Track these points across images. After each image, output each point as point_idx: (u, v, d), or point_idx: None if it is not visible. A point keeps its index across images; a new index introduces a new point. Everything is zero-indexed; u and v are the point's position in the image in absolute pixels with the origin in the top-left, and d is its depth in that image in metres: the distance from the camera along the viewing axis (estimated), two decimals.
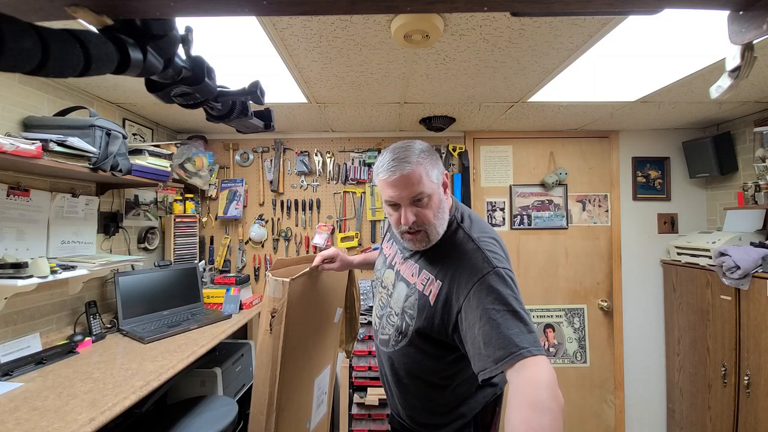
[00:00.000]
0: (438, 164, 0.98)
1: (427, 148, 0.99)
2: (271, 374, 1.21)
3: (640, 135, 2.67)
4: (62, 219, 1.71)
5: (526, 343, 0.77)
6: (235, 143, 2.68)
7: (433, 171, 0.95)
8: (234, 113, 0.82)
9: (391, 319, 1.07)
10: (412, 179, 0.92)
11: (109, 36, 0.50)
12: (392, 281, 1.11)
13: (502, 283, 0.85)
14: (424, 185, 0.93)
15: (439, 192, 0.97)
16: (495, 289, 0.84)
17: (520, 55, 1.46)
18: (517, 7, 0.53)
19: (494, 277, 0.86)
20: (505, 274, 0.87)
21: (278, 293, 1.22)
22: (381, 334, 1.12)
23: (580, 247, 2.68)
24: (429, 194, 0.94)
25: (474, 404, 1.08)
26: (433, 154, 0.99)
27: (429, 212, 0.95)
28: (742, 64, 0.58)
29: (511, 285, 0.86)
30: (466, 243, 0.95)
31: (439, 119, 2.32)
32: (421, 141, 1.01)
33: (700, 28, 1.25)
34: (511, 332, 0.78)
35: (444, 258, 0.97)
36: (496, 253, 0.92)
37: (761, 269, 1.86)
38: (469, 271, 0.89)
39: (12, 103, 1.51)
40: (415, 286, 1.01)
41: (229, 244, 2.66)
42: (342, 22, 1.21)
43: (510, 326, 0.79)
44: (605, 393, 2.65)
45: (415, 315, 0.98)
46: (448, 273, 0.93)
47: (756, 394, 1.87)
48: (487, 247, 0.93)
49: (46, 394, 1.22)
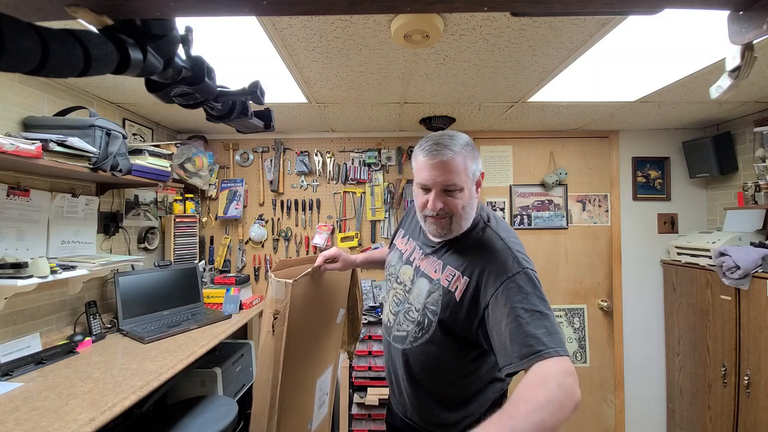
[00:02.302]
0: (477, 161, 0.99)
1: (470, 143, 0.99)
2: (273, 376, 1.20)
3: (640, 135, 2.67)
4: (62, 219, 1.71)
5: (552, 344, 0.79)
6: (235, 143, 2.68)
7: (471, 165, 0.97)
8: (234, 113, 0.82)
9: (411, 315, 1.06)
10: (450, 167, 0.94)
11: (109, 36, 0.50)
12: (410, 277, 1.10)
13: (530, 284, 0.87)
14: (460, 176, 0.94)
15: (471, 188, 0.98)
16: (524, 289, 0.86)
17: (520, 55, 1.46)
18: (517, 7, 0.53)
19: (523, 277, 0.87)
20: (534, 275, 0.89)
21: (281, 294, 1.21)
22: (396, 331, 1.11)
23: (580, 247, 2.68)
24: (462, 187, 0.95)
25: (483, 401, 1.08)
26: (475, 150, 0.99)
27: (459, 202, 0.96)
28: (742, 64, 0.58)
29: (539, 287, 0.88)
30: (496, 241, 0.96)
31: (439, 119, 2.32)
32: (457, 132, 1.01)
33: (700, 28, 1.25)
34: (538, 332, 0.80)
35: (471, 255, 0.97)
36: (524, 255, 0.93)
37: (761, 269, 1.86)
38: (499, 269, 0.90)
39: (12, 103, 1.51)
40: (439, 282, 1.01)
41: (229, 244, 2.66)
42: (342, 22, 1.21)
43: (537, 326, 0.81)
44: (605, 393, 2.65)
45: (438, 311, 0.99)
46: (476, 269, 0.94)
47: (756, 394, 1.87)
48: (516, 248, 0.94)
49: (46, 394, 1.22)
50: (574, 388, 0.71)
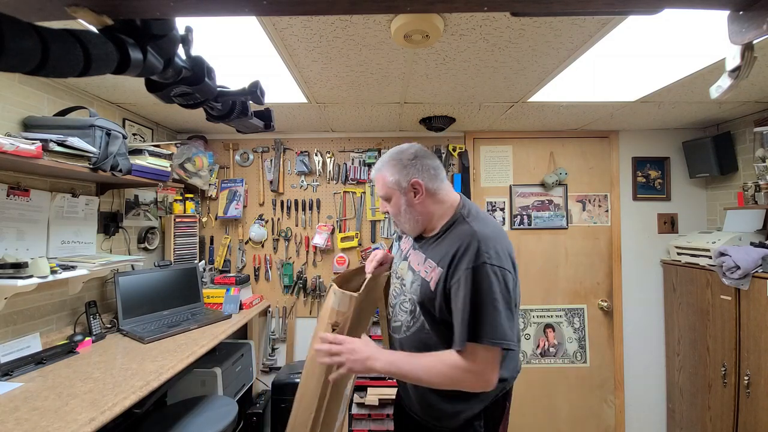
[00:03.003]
0: (402, 171, 1.14)
1: (391, 158, 1.16)
2: (322, 387, 1.17)
3: (640, 135, 2.67)
4: (62, 219, 1.71)
5: (487, 335, 0.94)
6: (235, 143, 2.68)
7: (391, 177, 1.14)
8: (234, 113, 0.82)
9: (404, 306, 1.18)
10: (376, 182, 1.20)
11: (109, 36, 0.50)
12: (405, 271, 1.21)
13: (491, 278, 0.97)
14: (381, 189, 1.18)
15: (401, 196, 1.14)
16: (484, 281, 0.96)
17: (520, 55, 1.46)
18: (517, 7, 0.54)
19: (486, 270, 0.97)
20: (498, 271, 0.98)
21: (344, 307, 1.19)
22: (394, 322, 1.22)
23: (580, 247, 2.68)
24: (388, 196, 1.17)
25: (483, 395, 1.09)
26: (400, 162, 1.14)
27: (392, 209, 1.18)
28: (742, 64, 0.58)
29: (500, 281, 0.97)
30: (466, 235, 1.04)
31: (439, 119, 2.32)
32: (404, 147, 1.18)
33: (700, 28, 1.25)
34: (481, 321, 0.95)
35: (446, 247, 1.07)
36: (495, 251, 1.00)
37: (761, 269, 1.86)
38: (467, 260, 0.99)
39: (12, 103, 1.51)
40: (419, 273, 1.13)
41: (229, 244, 2.66)
42: (342, 22, 1.21)
43: (482, 317, 0.95)
44: (605, 393, 2.65)
45: (417, 299, 1.11)
46: (447, 260, 1.04)
47: (756, 394, 1.87)
48: (487, 243, 1.01)
49: (46, 394, 1.22)
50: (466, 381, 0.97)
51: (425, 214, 1.15)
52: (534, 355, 2.67)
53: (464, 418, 1.10)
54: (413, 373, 1.01)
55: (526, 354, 2.67)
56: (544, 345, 2.67)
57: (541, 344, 2.67)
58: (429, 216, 1.15)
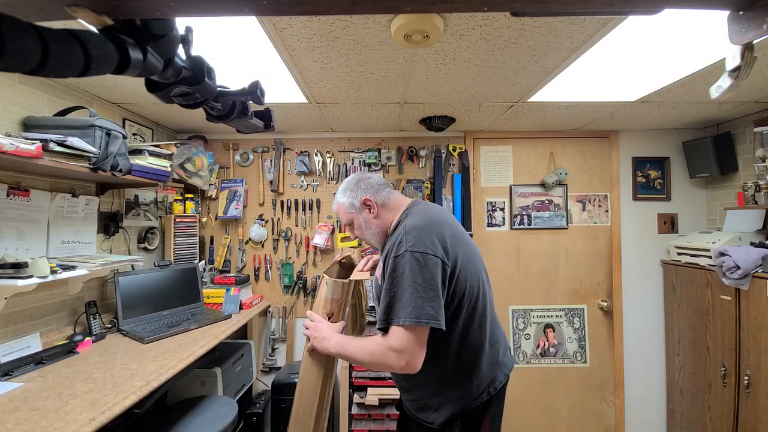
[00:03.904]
0: (353, 194, 1.29)
1: (342, 189, 1.32)
2: (324, 377, 1.25)
3: (640, 135, 2.67)
4: (62, 219, 1.71)
5: (397, 315, 1.02)
6: (235, 143, 2.68)
7: (347, 202, 1.29)
8: (234, 113, 0.82)
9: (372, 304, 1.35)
10: (338, 213, 1.35)
11: (109, 36, 0.50)
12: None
13: (409, 262, 1.04)
14: (343, 216, 1.32)
15: (358, 216, 1.29)
16: (401, 266, 1.05)
17: (520, 55, 1.46)
18: (517, 7, 0.53)
19: (407, 257, 1.05)
20: (418, 256, 1.04)
21: (337, 294, 1.27)
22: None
23: (580, 247, 2.68)
24: (350, 220, 1.31)
25: (459, 394, 1.14)
26: (346, 190, 1.31)
27: (357, 231, 1.32)
28: (742, 64, 0.58)
29: (420, 264, 1.04)
30: (399, 232, 1.13)
31: (439, 119, 2.32)
32: (348, 179, 1.35)
33: (700, 28, 1.25)
34: (394, 302, 1.04)
35: (387, 247, 1.18)
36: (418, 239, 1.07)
37: (761, 269, 1.86)
38: (393, 251, 1.09)
39: (12, 103, 1.51)
40: (375, 275, 1.29)
41: (229, 244, 2.66)
42: (342, 22, 1.21)
43: (396, 298, 1.04)
44: (605, 393, 2.65)
45: (374, 296, 1.25)
46: (384, 257, 1.18)
47: (756, 394, 1.87)
48: (411, 233, 1.09)
49: (46, 394, 1.22)
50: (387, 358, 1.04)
51: (382, 225, 1.28)
52: (534, 355, 2.67)
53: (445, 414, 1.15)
54: (352, 353, 1.13)
55: (526, 354, 2.67)
56: (544, 345, 2.67)
57: (541, 344, 2.67)
58: (385, 225, 1.28)
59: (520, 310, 2.68)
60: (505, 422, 2.67)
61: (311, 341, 1.23)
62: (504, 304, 2.68)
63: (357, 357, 1.13)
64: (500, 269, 2.69)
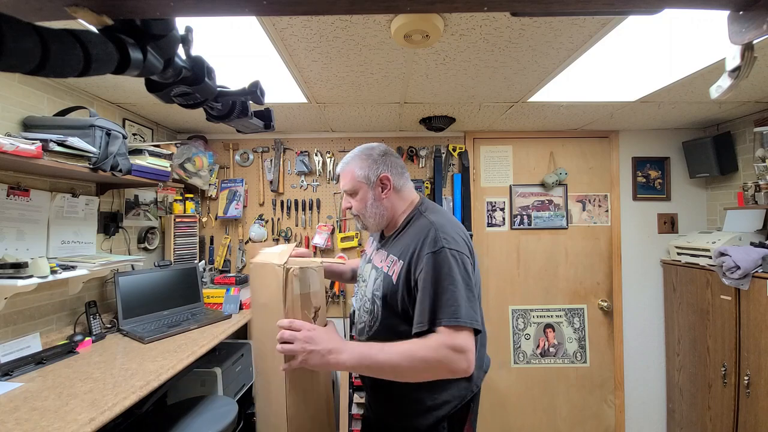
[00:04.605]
0: (372, 166, 1.16)
1: (361, 153, 1.19)
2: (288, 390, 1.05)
3: (640, 135, 2.67)
4: (62, 219, 1.71)
5: (454, 314, 0.93)
6: (235, 143, 2.68)
7: (360, 171, 1.16)
8: (234, 113, 0.82)
9: (366, 306, 1.17)
10: (343, 176, 1.20)
11: (109, 36, 0.50)
12: (369, 272, 1.21)
13: (446, 261, 0.98)
14: (350, 182, 1.17)
15: (369, 190, 1.16)
16: (440, 265, 0.98)
17: (520, 55, 1.46)
18: (517, 7, 0.53)
19: (446, 254, 0.98)
20: (451, 254, 0.99)
21: (316, 285, 1.07)
22: (358, 324, 1.22)
23: (580, 247, 2.68)
24: (355, 190, 1.17)
25: (448, 396, 1.07)
26: (370, 158, 1.17)
27: (358, 204, 1.17)
28: (742, 64, 0.58)
29: (459, 264, 0.99)
30: (425, 225, 1.08)
31: (439, 119, 2.32)
32: (372, 145, 1.22)
33: (700, 28, 1.25)
34: (447, 302, 0.94)
35: (407, 240, 1.10)
36: (451, 237, 1.03)
37: (761, 269, 1.86)
38: (427, 247, 1.01)
39: (12, 103, 1.51)
40: (381, 269, 1.14)
41: (229, 244, 2.66)
42: (342, 22, 1.21)
43: (447, 297, 0.94)
44: (605, 393, 2.65)
45: (380, 294, 1.10)
46: (409, 252, 1.06)
47: (756, 394, 1.87)
48: (444, 230, 1.04)
49: (46, 394, 1.22)
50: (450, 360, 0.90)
51: (390, 209, 1.18)
52: (534, 355, 2.67)
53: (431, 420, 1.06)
54: (390, 363, 0.92)
55: (526, 354, 2.67)
56: (544, 345, 2.67)
57: (541, 344, 2.67)
58: (393, 211, 1.18)
59: (520, 310, 2.68)
60: (505, 422, 2.68)
61: (300, 359, 0.95)
62: (504, 304, 2.68)
63: (400, 366, 0.91)
64: (500, 269, 2.69)
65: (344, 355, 0.94)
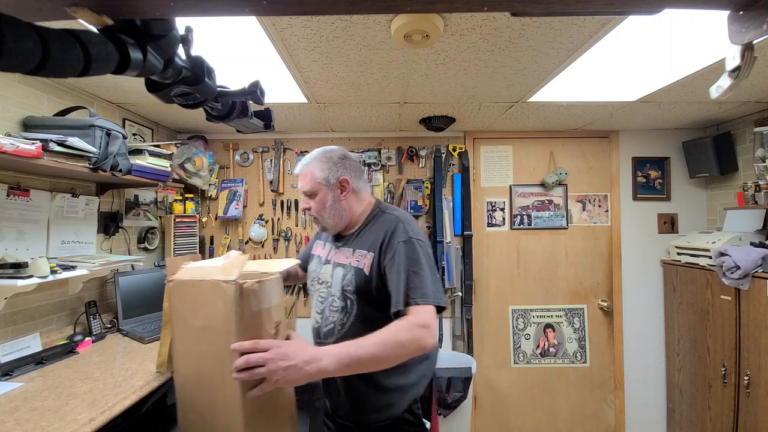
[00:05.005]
0: (331, 168, 1.22)
1: (321, 155, 1.24)
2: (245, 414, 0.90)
3: (640, 135, 2.67)
4: (62, 219, 1.71)
5: (424, 295, 1.03)
6: (235, 143, 2.67)
7: (319, 173, 1.21)
8: (234, 113, 0.82)
9: (334, 305, 1.19)
10: (303, 177, 1.23)
11: (109, 36, 0.50)
12: (330, 273, 1.24)
13: (413, 249, 1.09)
14: (308, 184, 1.22)
15: (327, 191, 1.21)
16: (409, 252, 1.08)
17: (520, 55, 1.46)
18: (517, 7, 0.54)
19: (414, 243, 1.10)
20: (418, 243, 1.11)
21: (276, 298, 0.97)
22: (325, 327, 1.20)
23: (580, 247, 2.68)
24: (314, 191, 1.21)
25: (416, 377, 1.17)
26: (328, 161, 1.22)
27: (316, 205, 1.22)
28: (742, 64, 0.58)
29: (425, 251, 1.11)
30: (390, 219, 1.18)
31: (439, 119, 2.32)
32: (331, 148, 1.28)
33: (700, 28, 1.25)
34: (418, 284, 1.05)
35: (374, 234, 1.18)
36: (416, 229, 1.16)
37: (761, 269, 1.86)
38: (397, 237, 1.12)
39: (12, 103, 1.50)
40: (350, 264, 1.18)
41: (229, 244, 2.66)
42: (342, 22, 1.21)
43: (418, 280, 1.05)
44: (605, 393, 2.65)
45: (353, 288, 1.15)
46: (377, 243, 1.14)
47: (756, 394, 1.87)
48: (409, 224, 1.16)
49: (46, 394, 1.22)
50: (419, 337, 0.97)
51: (348, 211, 1.24)
52: (534, 355, 2.67)
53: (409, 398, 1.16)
54: (369, 355, 0.92)
55: (526, 354, 2.67)
56: (544, 345, 2.67)
57: (541, 344, 2.67)
58: (351, 213, 1.24)
59: (520, 310, 2.68)
60: (505, 422, 2.68)
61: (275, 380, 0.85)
62: (504, 304, 2.68)
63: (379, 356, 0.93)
64: (500, 269, 2.69)
65: (324, 360, 0.89)
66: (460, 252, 2.62)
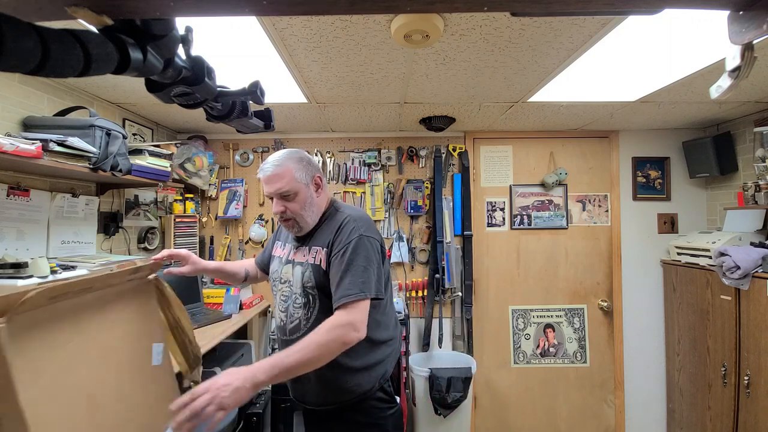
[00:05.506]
0: (306, 167, 1.23)
1: (292, 156, 1.23)
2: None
3: (640, 135, 2.67)
4: (62, 219, 1.71)
5: (353, 291, 1.09)
6: (235, 143, 2.68)
7: (298, 173, 1.20)
8: (234, 113, 0.82)
9: (297, 301, 1.24)
10: (279, 179, 1.19)
11: (109, 36, 0.50)
12: (291, 272, 1.28)
13: (357, 247, 1.14)
14: (287, 184, 1.19)
15: (306, 190, 1.22)
16: (350, 251, 1.14)
17: (520, 55, 1.46)
18: (517, 7, 0.54)
19: (362, 240, 1.16)
20: (366, 241, 1.16)
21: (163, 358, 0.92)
22: (290, 324, 1.25)
23: (580, 247, 2.68)
24: (295, 191, 1.20)
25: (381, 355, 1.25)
26: (302, 160, 1.23)
27: (296, 205, 1.21)
28: (742, 64, 0.58)
29: (372, 246, 1.17)
30: (342, 218, 1.22)
31: (439, 119, 2.32)
32: (295, 149, 1.29)
33: (700, 28, 1.25)
34: (344, 284, 1.10)
35: (327, 233, 1.23)
36: (366, 226, 1.20)
37: (761, 269, 1.86)
38: (345, 235, 1.17)
39: (12, 103, 1.50)
40: (307, 262, 1.23)
41: (229, 244, 2.66)
42: (342, 22, 1.21)
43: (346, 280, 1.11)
44: (605, 393, 2.65)
45: (313, 283, 1.20)
46: (329, 240, 1.20)
47: (756, 394, 1.87)
48: (357, 221, 1.20)
49: None
50: (339, 336, 1.04)
51: (319, 208, 1.27)
52: (534, 355, 2.67)
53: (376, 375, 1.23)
54: (298, 361, 0.99)
55: (526, 354, 2.67)
56: (544, 345, 2.67)
57: (541, 344, 2.67)
58: (320, 210, 1.28)
59: (520, 310, 2.68)
60: (505, 422, 2.68)
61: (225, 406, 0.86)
62: (504, 304, 2.68)
63: (306, 359, 0.99)
64: (500, 269, 2.69)
65: (259, 374, 0.94)
66: (460, 252, 2.62)
